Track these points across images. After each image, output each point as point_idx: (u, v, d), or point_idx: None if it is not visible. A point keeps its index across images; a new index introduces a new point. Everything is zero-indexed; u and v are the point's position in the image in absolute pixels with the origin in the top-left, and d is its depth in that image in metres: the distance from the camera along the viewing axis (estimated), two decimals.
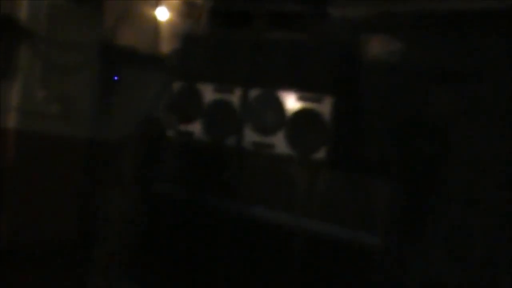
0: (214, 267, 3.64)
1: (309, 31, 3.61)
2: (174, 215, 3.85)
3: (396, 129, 3.20)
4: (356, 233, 3.15)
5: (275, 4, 3.73)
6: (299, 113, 3.50)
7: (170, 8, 4.44)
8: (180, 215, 3.82)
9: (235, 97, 3.74)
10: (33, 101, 3.81)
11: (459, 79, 2.96)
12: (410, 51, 3.20)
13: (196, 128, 3.87)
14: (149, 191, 3.97)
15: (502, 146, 2.80)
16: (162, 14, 4.43)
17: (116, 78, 4.24)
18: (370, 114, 3.39)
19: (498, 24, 2.83)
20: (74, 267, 3.78)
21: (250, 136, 3.66)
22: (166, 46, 4.34)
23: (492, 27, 2.86)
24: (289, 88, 3.54)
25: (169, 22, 4.43)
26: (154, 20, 4.38)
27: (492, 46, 2.85)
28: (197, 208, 3.76)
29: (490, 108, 2.84)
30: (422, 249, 2.99)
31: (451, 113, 3.00)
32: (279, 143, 3.54)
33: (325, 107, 3.40)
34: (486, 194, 2.82)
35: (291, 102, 3.53)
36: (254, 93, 3.68)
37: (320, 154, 3.38)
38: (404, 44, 3.23)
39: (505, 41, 2.80)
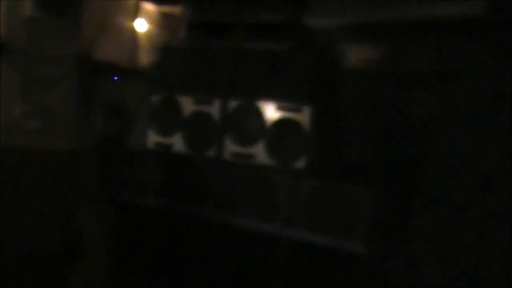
0: (196, 277, 3.64)
1: (287, 41, 3.63)
2: (157, 228, 3.84)
3: (377, 134, 3.23)
4: (340, 240, 3.17)
5: (253, 15, 3.74)
6: (278, 123, 3.52)
7: (148, 20, 4.45)
8: (163, 227, 3.81)
9: (214, 109, 3.75)
10: (13, 116, 3.78)
11: (437, 82, 3.01)
12: (388, 57, 3.24)
13: (176, 140, 3.87)
14: (130, 202, 3.95)
15: (483, 146, 2.84)
16: (140, 26, 4.43)
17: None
18: (350, 121, 3.42)
19: (472, 28, 2.89)
20: (57, 278, 3.74)
21: (230, 147, 3.67)
22: (144, 59, 4.34)
23: (467, 31, 2.92)
24: (268, 98, 3.56)
25: (147, 34, 4.44)
26: (132, 32, 4.38)
27: (467, 48, 2.91)
28: (180, 219, 3.75)
29: (470, 109, 2.89)
30: (406, 252, 3.01)
31: (430, 115, 3.04)
32: (260, 153, 3.56)
33: (304, 116, 3.43)
34: (468, 195, 2.86)
35: (271, 112, 3.55)
36: (233, 104, 3.69)
37: (301, 163, 3.40)
38: (382, 50, 3.27)
39: (480, 43, 2.86)
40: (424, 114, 3.08)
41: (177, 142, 3.86)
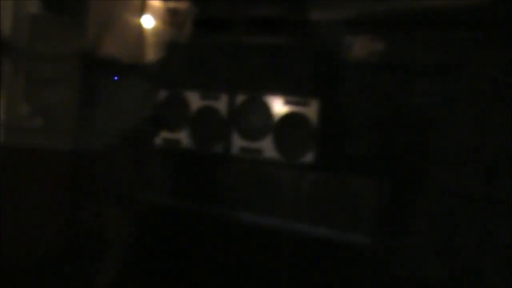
0: (205, 273, 3.63)
1: (293, 35, 3.62)
2: (163, 224, 3.84)
3: (382, 127, 3.21)
4: (346, 234, 3.16)
5: (258, 9, 3.73)
6: (286, 118, 3.50)
7: (153, 17, 4.44)
8: (168, 223, 3.81)
9: (221, 104, 3.74)
10: (16, 116, 3.80)
11: (441, 73, 2.98)
12: (392, 49, 3.22)
13: (183, 136, 3.86)
14: (137, 201, 3.96)
15: (486, 137, 2.82)
16: (146, 22, 4.42)
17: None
18: (357, 114, 3.40)
19: (475, 18, 2.86)
20: (62, 280, 3.76)
21: (238, 142, 3.66)
22: (150, 55, 4.34)
23: (470, 21, 2.89)
24: (275, 92, 3.54)
25: (153, 30, 4.43)
26: (138, 29, 4.37)
27: (470, 39, 2.88)
28: (187, 216, 3.75)
29: (471, 100, 2.87)
30: (411, 244, 2.99)
31: (435, 107, 3.02)
32: (267, 148, 3.54)
33: (311, 110, 3.40)
34: (472, 185, 2.83)
35: (278, 107, 3.53)
36: (240, 98, 3.68)
37: (309, 157, 3.38)
38: (386, 42, 3.25)
39: (483, 34, 2.83)
40: (428, 106, 3.06)
41: (185, 138, 3.86)
